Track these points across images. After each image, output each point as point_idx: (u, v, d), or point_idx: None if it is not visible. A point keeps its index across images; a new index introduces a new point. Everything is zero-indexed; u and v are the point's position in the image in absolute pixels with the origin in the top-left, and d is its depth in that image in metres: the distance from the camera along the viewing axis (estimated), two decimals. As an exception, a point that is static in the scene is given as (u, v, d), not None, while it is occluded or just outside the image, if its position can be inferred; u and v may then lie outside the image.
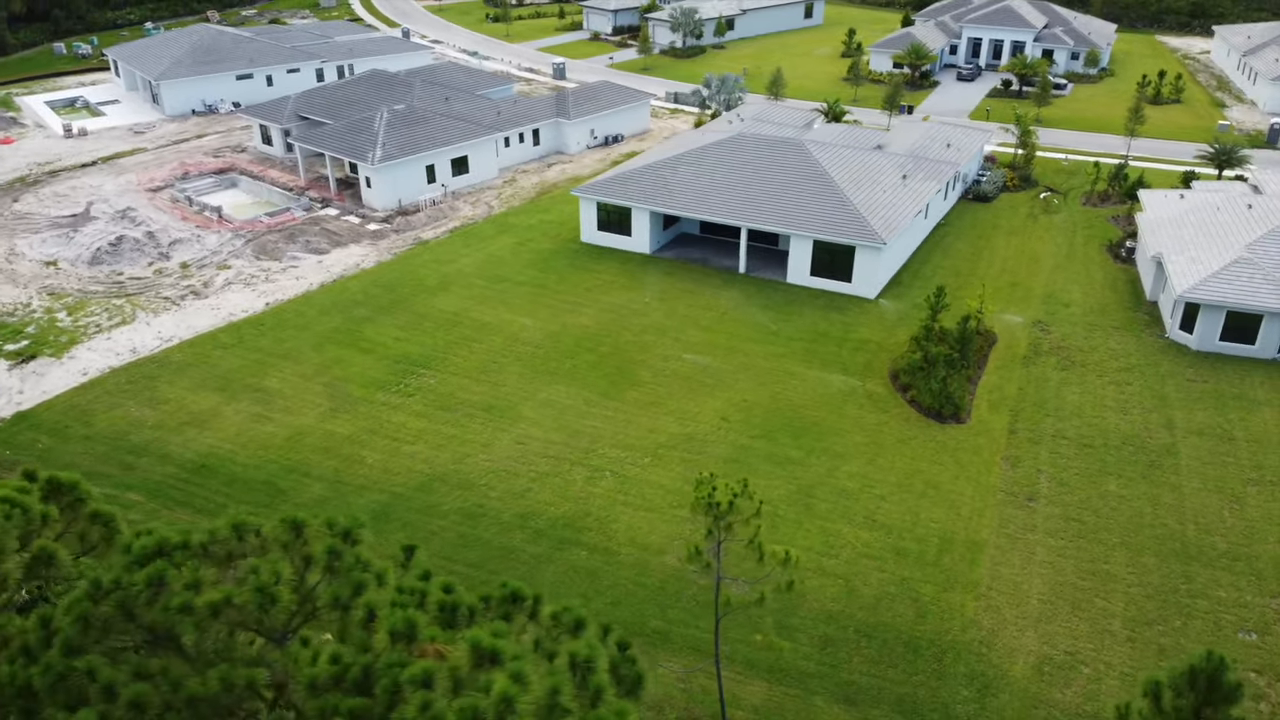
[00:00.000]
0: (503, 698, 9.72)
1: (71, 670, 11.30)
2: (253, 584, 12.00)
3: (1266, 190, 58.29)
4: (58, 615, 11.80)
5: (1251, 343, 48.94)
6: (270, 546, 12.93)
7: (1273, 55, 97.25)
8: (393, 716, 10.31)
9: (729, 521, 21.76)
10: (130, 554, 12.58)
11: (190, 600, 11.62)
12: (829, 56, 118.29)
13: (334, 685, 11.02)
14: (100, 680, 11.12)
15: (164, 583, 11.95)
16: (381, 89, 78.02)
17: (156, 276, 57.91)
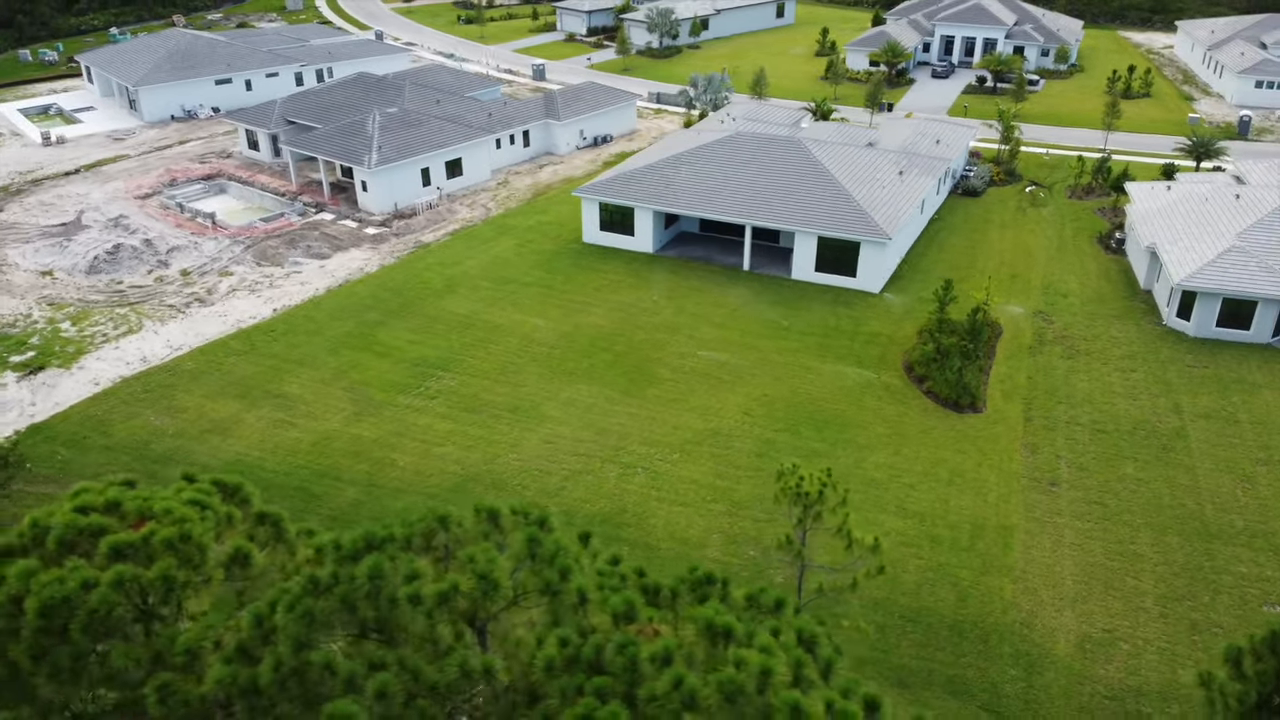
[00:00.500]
0: (761, 670, 10.14)
1: (307, 665, 11.46)
2: (473, 572, 12.26)
3: (1250, 180, 60.22)
4: (277, 613, 11.95)
5: (1246, 328, 50.60)
6: (468, 537, 13.17)
7: (1238, 49, 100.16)
8: (640, 693, 10.64)
9: (818, 510, 22.28)
10: (340, 550, 12.78)
11: (419, 590, 11.87)
12: (804, 56, 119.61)
13: (569, 666, 11.33)
14: (341, 673, 11.29)
15: (383, 575, 12.20)
16: (369, 92, 77.65)
17: (158, 284, 57.25)
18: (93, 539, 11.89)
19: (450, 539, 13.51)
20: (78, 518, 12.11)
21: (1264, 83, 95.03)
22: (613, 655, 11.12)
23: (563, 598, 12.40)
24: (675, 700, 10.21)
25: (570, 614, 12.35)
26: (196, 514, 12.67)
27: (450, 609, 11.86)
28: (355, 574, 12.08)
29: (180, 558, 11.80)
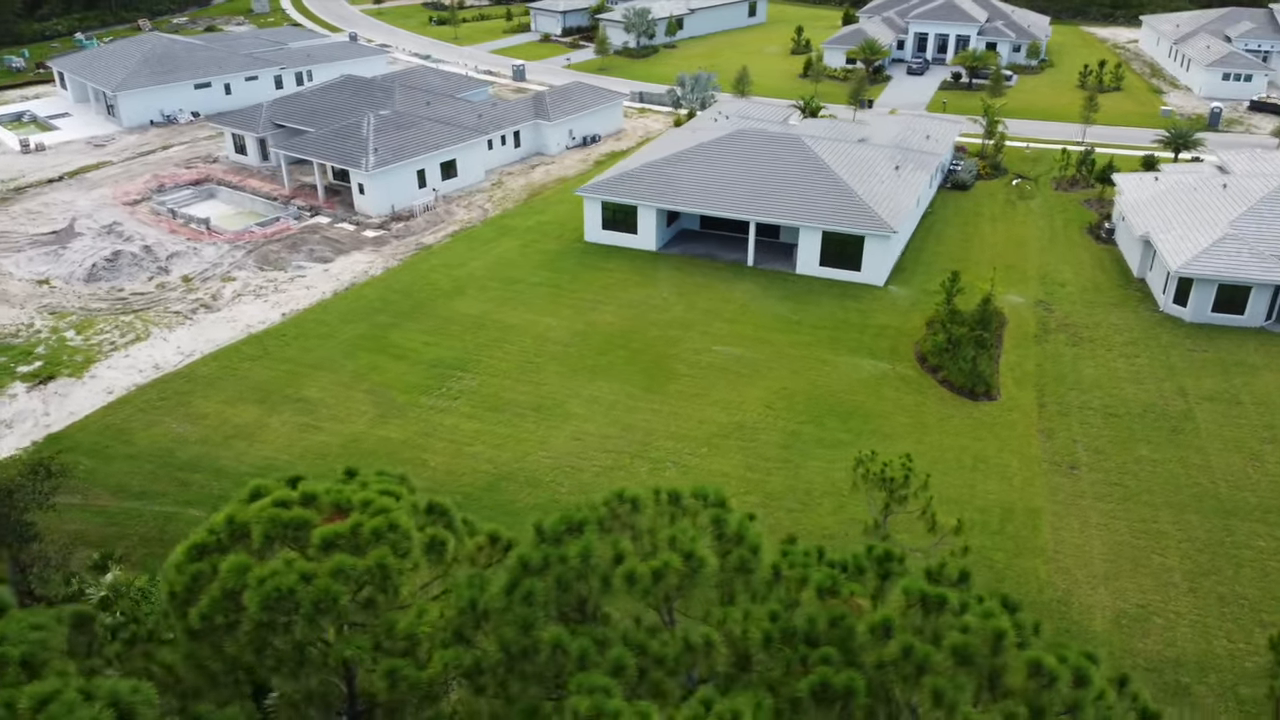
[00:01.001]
0: (995, 633, 10.67)
1: (536, 645, 11.73)
2: (679, 550, 12.63)
3: (1234, 170, 62.12)
4: (490, 596, 12.21)
5: (1241, 313, 52.28)
6: (655, 518, 13.55)
7: (1204, 43, 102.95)
8: (867, 660, 11.09)
9: (903, 494, 22.93)
10: (543, 534, 13.06)
11: (633, 569, 12.20)
12: (779, 54, 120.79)
13: (786, 639, 11.74)
14: (573, 651, 11.57)
15: (593, 555, 12.55)
16: (358, 94, 77.25)
17: (160, 291, 56.61)
18: (295, 532, 12.09)
19: (637, 521, 13.89)
20: (280, 512, 12.29)
21: (1231, 75, 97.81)
22: (826, 628, 11.60)
23: (756, 574, 12.83)
24: (907, 667, 10.70)
25: (768, 589, 12.81)
26: (394, 503, 12.91)
27: (665, 586, 12.24)
28: (566, 555, 12.40)
29: (391, 546, 12.05)
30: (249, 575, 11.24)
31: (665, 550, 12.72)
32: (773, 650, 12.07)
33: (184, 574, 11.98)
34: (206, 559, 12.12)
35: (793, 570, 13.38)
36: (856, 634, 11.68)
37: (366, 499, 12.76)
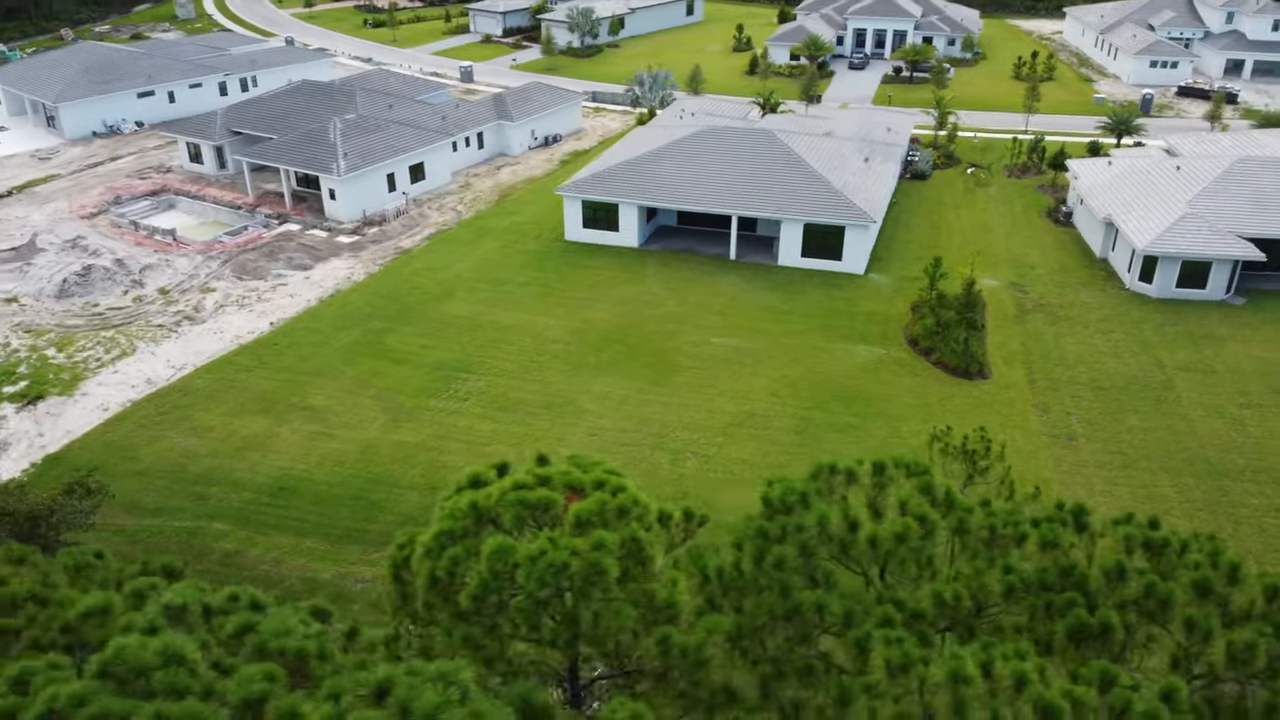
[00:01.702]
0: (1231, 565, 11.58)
1: (798, 606, 12.25)
2: (914, 513, 13.32)
3: (1181, 153, 65.41)
4: (743, 559, 12.69)
5: (1203, 287, 55.20)
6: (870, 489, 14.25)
7: (1129, 32, 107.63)
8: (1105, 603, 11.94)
9: (984, 465, 24.04)
10: (773, 506, 13.59)
11: (875, 533, 12.81)
12: (722, 52, 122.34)
13: (1028, 589, 12.55)
14: (836, 611, 12.16)
15: (830, 521, 13.14)
16: (317, 99, 76.11)
17: (138, 305, 55.18)
18: (541, 513, 12.43)
19: (846, 489, 14.59)
20: (525, 494, 12.61)
21: (1158, 62, 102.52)
22: (1058, 577, 12.45)
23: (975, 532, 13.66)
24: (1151, 603, 11.63)
25: (983, 547, 13.65)
26: (629, 482, 13.30)
27: (910, 547, 12.96)
28: (804, 524, 13.01)
29: (637, 520, 12.48)
30: (516, 554, 11.57)
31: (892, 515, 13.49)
32: (1015, 599, 12.93)
33: (443, 559, 12.23)
34: (460, 543, 12.38)
35: (1006, 529, 14.26)
36: (1090, 579, 12.63)
37: (599, 479, 13.19)
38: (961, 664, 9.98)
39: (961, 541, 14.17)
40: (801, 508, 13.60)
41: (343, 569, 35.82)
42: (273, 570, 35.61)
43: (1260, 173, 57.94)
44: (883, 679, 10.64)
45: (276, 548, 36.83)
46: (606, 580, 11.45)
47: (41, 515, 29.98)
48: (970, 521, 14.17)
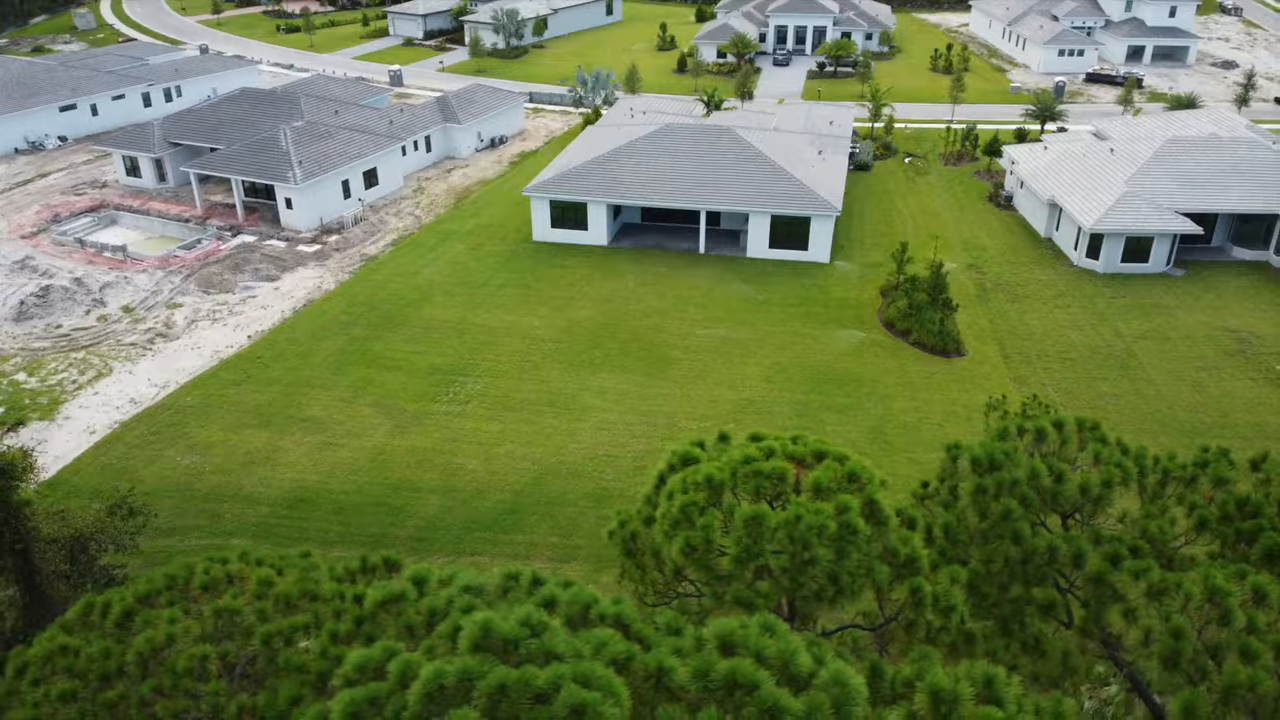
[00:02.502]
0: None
1: (1034, 549, 13.30)
2: (1109, 461, 14.55)
3: (1110, 136, 69.46)
4: (966, 514, 13.68)
5: (1145, 261, 58.91)
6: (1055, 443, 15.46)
7: (1036, 23, 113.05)
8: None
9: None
10: (978, 464, 14.63)
11: (1086, 480, 13.96)
12: (646, 50, 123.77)
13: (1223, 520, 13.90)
14: (1066, 549, 13.25)
15: (1035, 478, 14.28)
16: (260, 107, 74.50)
17: (104, 324, 53.40)
18: (775, 482, 13.23)
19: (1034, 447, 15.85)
20: (760, 465, 13.36)
21: (1065, 51, 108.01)
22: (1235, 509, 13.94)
23: (1150, 479, 15.10)
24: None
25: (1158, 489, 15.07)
26: (848, 450, 14.19)
27: (1109, 494, 14.23)
28: (1016, 478, 14.13)
29: (868, 483, 13.38)
30: (771, 520, 12.37)
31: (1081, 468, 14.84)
32: (1205, 530, 14.35)
33: (698, 529, 12.90)
34: (708, 514, 13.08)
35: (1178, 472, 15.73)
36: (1263, 507, 14.18)
37: (817, 450, 14.07)
38: (1214, 579, 11.27)
39: (1140, 484, 15.61)
40: (1010, 464, 14.79)
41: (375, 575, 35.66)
42: (307, 582, 35.23)
43: (1189, 152, 62.07)
44: (1139, 603, 11.87)
45: (305, 559, 36.42)
46: (859, 539, 12.38)
47: (90, 537, 29.22)
48: (1147, 465, 15.63)
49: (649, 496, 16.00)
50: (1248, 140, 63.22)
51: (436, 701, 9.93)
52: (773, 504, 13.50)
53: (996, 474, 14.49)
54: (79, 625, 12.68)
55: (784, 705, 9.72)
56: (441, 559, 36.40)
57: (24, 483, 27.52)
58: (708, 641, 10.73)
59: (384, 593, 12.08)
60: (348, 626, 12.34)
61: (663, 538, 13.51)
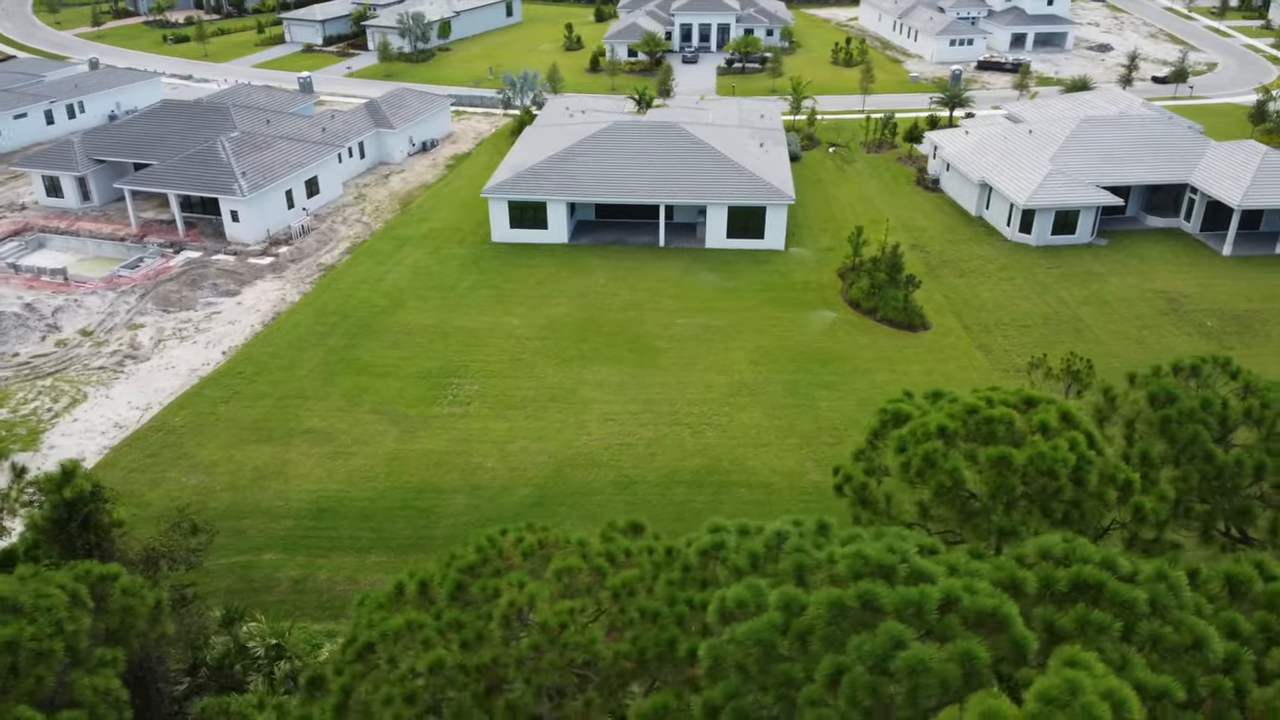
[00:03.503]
0: None
1: (1219, 467, 15.13)
2: (1262, 390, 16.64)
3: (1024, 119, 74.24)
4: (1151, 445, 15.36)
5: (1073, 233, 63.44)
6: None
7: (926, 15, 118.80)
8: None
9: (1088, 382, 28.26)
10: (1156, 399, 16.43)
11: (1251, 406, 15.90)
12: (554, 50, 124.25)
13: None
14: (1248, 465, 15.16)
15: (1207, 406, 16.23)
16: (188, 119, 72.11)
17: (65, 349, 51.27)
18: (996, 427, 14.76)
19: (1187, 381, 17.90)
20: (989, 413, 14.82)
21: (956, 41, 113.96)
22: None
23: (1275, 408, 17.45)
24: None
25: None
26: (1049, 395, 15.74)
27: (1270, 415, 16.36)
28: (1194, 408, 16.08)
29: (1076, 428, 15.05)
30: (1016, 458, 13.92)
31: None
32: None
33: (946, 471, 14.32)
34: (952, 457, 14.53)
35: None
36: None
37: (1027, 397, 15.69)
38: None
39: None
40: (1184, 397, 16.80)
41: (423, 577, 35.88)
42: (351, 589, 35.15)
43: (1102, 131, 67.07)
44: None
45: (343, 568, 36.41)
46: (1093, 468, 14.12)
47: (163, 556, 28.64)
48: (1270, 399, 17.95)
49: (861, 452, 17.40)
50: (1152, 117, 68.75)
51: (837, 622, 11.15)
52: (993, 445, 15.13)
53: (1177, 404, 16.56)
54: (393, 603, 13.16)
55: (1132, 597, 11.34)
56: (481, 555, 36.85)
57: (113, 503, 26.85)
58: (1028, 556, 12.25)
59: (708, 541, 13.06)
60: (677, 574, 13.27)
61: (904, 484, 14.94)
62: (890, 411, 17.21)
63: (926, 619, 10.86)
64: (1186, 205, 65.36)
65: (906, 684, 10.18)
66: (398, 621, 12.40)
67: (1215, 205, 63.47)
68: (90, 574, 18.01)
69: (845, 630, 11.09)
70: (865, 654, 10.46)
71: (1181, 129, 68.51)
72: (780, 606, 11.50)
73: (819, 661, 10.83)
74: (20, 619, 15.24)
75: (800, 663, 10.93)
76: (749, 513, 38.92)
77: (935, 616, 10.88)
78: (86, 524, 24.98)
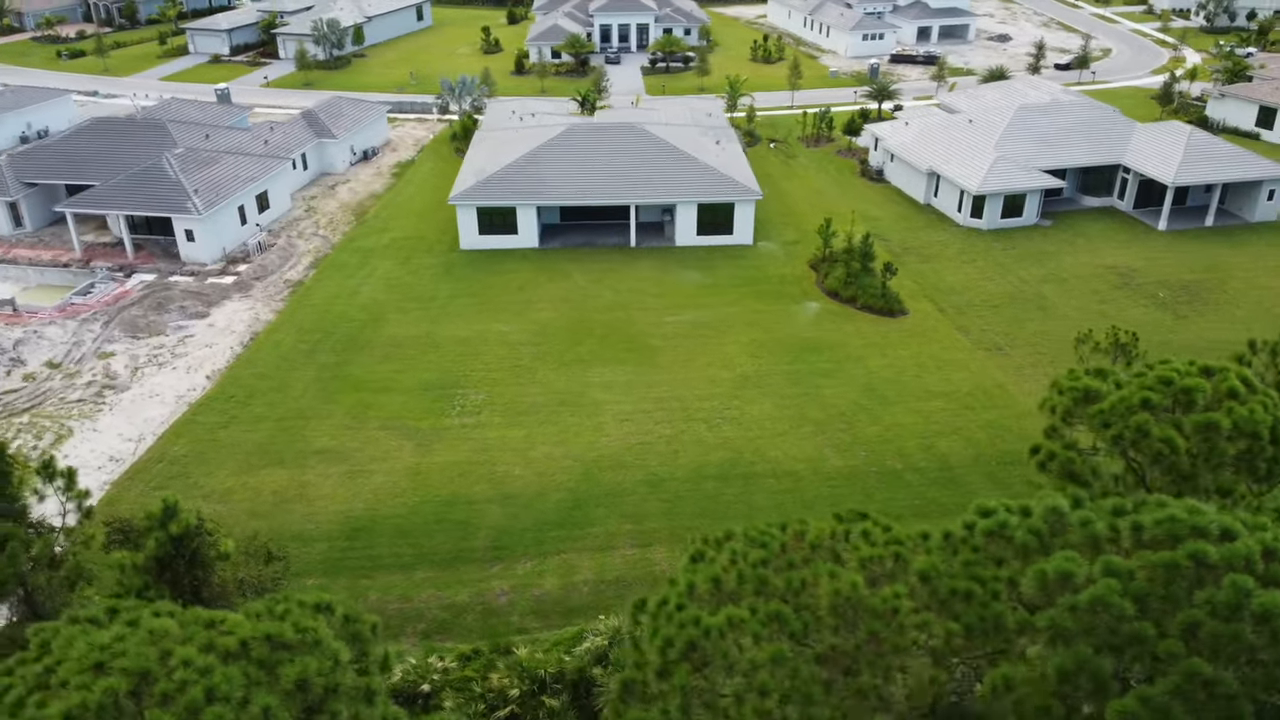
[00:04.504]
0: None
1: None
2: None
3: (959, 110, 77.47)
4: None
5: (1020, 215, 66.67)
6: None
7: (836, 10, 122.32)
8: None
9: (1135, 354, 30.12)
10: None
11: None
12: (472, 54, 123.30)
13: None
14: None
15: None
16: (122, 137, 68.92)
17: (34, 383, 48.65)
18: (1193, 396, 15.94)
19: None
20: (1185, 382, 15.91)
21: (869, 35, 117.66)
22: None
23: None
24: None
25: None
26: (1223, 364, 16.97)
27: None
28: None
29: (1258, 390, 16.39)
30: (1224, 422, 15.12)
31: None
32: None
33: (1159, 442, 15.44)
34: (1161, 426, 15.63)
35: None
36: None
37: (1205, 367, 16.93)
38: None
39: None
40: None
41: (475, 589, 35.67)
42: (406, 607, 34.77)
43: (1038, 117, 70.63)
44: None
45: (393, 587, 35.82)
46: (1286, 425, 15.51)
47: (249, 585, 27.76)
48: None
49: (1053, 428, 18.34)
50: (1083, 103, 72.71)
51: (1175, 581, 12.06)
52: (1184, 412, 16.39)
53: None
54: (688, 601, 13.35)
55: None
56: (528, 561, 36.88)
57: (216, 535, 25.93)
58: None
59: (993, 523, 13.76)
60: (968, 554, 13.92)
61: (1114, 453, 16.02)
62: (1080, 389, 18.27)
63: (1254, 570, 11.86)
64: (1120, 184, 69.45)
65: (1266, 628, 11.12)
66: (719, 619, 12.71)
67: (1147, 183, 67.66)
68: (305, 604, 17.59)
69: (1180, 589, 12.00)
70: (1219, 605, 11.37)
71: (1109, 113, 72.67)
72: (1108, 573, 12.33)
73: (1165, 619, 11.70)
74: (301, 655, 14.91)
75: (1145, 622, 11.80)
76: (782, 502, 40.13)
77: (1261, 566, 11.89)
78: (195, 560, 24.07)
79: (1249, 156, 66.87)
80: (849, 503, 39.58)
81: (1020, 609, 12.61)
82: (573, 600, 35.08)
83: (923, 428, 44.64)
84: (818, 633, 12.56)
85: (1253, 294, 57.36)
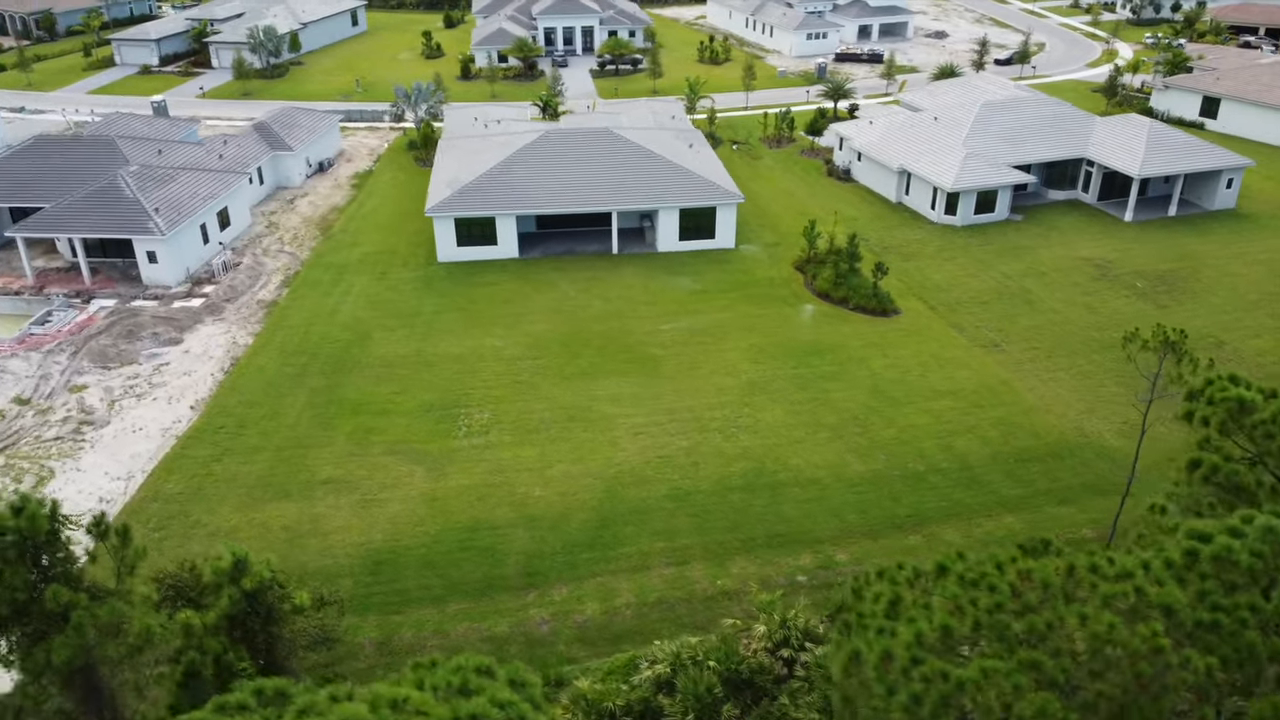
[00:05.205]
0: None
1: None
2: None
3: (922, 108, 78.24)
4: None
5: (993, 211, 67.55)
6: None
7: (779, 11, 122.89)
8: None
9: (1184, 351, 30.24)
10: None
11: None
12: (413, 59, 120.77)
13: None
14: None
15: None
16: (67, 156, 65.28)
17: (4, 421, 45.58)
18: None
19: None
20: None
21: (813, 35, 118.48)
22: None
23: None
24: None
25: None
26: None
27: None
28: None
29: None
30: None
31: None
32: None
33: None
34: None
35: None
36: None
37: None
38: None
39: None
40: None
41: (513, 619, 34.41)
42: (445, 642, 33.29)
43: (1002, 114, 71.69)
44: None
45: (426, 622, 34.34)
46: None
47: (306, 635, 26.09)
48: None
49: (1207, 439, 18.01)
50: (1043, 98, 74.03)
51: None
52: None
53: None
54: (917, 650, 12.55)
55: None
56: (564, 587, 35.74)
57: (289, 588, 24.20)
58: None
59: (1219, 548, 13.30)
60: (1199, 584, 13.44)
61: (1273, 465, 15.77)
62: (1233, 399, 18.01)
63: None
64: (1084, 177, 70.89)
65: None
66: (973, 671, 11.98)
67: (1110, 176, 69.17)
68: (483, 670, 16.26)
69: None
70: None
71: (1068, 108, 74.15)
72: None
73: None
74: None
75: None
76: (811, 511, 39.65)
77: None
78: (270, 616, 22.42)
79: (1207, 146, 68.89)
80: (877, 509, 39.54)
81: (1272, 636, 12.29)
82: (617, 626, 34.07)
83: (937, 428, 44.67)
84: (1078, 680, 12.02)
85: (1226, 281, 58.98)
